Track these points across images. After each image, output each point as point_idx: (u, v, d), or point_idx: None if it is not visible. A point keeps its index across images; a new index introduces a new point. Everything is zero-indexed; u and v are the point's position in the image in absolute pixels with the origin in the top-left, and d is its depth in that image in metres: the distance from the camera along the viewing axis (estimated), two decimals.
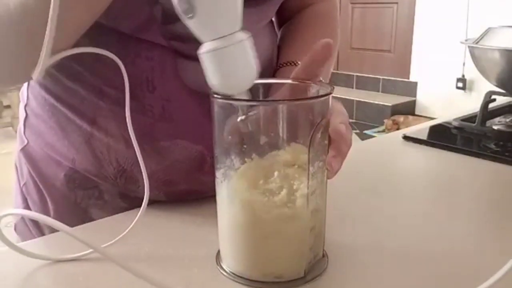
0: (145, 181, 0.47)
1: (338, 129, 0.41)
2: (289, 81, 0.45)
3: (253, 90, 0.42)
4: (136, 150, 0.46)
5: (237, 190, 0.41)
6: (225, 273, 0.43)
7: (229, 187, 0.41)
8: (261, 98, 0.44)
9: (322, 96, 0.40)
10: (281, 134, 0.39)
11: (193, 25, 0.35)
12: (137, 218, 0.48)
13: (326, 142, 0.42)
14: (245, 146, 0.41)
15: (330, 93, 0.40)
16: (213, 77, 0.37)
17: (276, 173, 0.40)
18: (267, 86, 0.46)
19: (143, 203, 0.48)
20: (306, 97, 0.42)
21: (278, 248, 0.41)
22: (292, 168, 0.40)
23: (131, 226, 0.48)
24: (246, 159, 0.41)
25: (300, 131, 0.40)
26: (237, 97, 0.38)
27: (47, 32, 0.35)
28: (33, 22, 0.40)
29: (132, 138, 0.46)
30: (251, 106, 0.39)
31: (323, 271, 0.43)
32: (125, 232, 0.48)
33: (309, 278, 0.42)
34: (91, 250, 0.44)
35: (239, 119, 0.38)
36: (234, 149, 0.41)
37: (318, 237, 0.43)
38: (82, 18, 0.42)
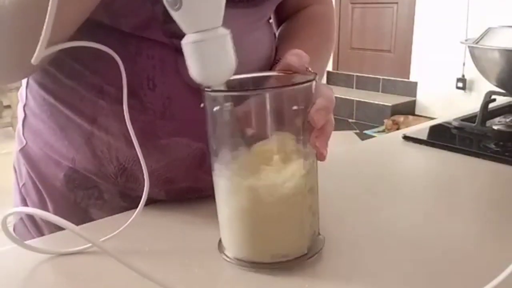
0: (145, 176, 0.47)
1: (313, 118, 0.41)
2: (275, 73, 0.47)
3: (244, 85, 0.45)
4: (136, 147, 0.47)
5: (237, 178, 0.42)
6: (229, 259, 0.45)
7: (229, 176, 0.42)
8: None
9: (303, 82, 0.42)
10: (269, 122, 0.41)
11: (178, 16, 0.37)
12: (137, 211, 0.48)
13: None
14: (237, 136, 0.42)
15: (313, 80, 0.42)
16: (193, 68, 0.39)
17: (275, 157, 0.41)
18: (257, 81, 0.47)
19: (142, 197, 0.48)
20: (288, 84, 0.44)
21: (283, 229, 0.43)
22: (286, 153, 0.42)
23: (132, 218, 0.48)
24: (240, 148, 0.42)
25: (287, 117, 0.42)
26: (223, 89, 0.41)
27: (46, 20, 0.34)
28: (30, 17, 0.40)
29: (132, 136, 0.46)
30: (227, 97, 0.42)
31: (321, 248, 0.46)
32: (124, 226, 0.48)
33: (310, 255, 0.44)
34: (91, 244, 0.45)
35: (215, 109, 0.40)
36: (228, 139, 0.42)
37: (314, 215, 0.45)
38: (77, 9, 0.42)
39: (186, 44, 0.38)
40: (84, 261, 0.45)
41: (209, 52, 0.38)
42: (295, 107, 0.42)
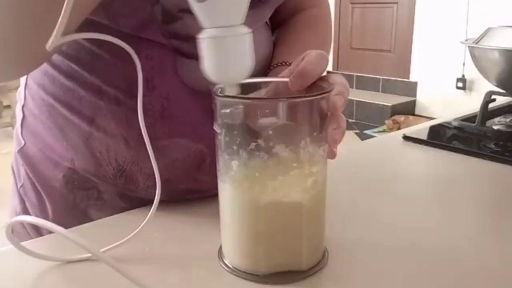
0: (157, 180, 0.46)
1: (333, 102, 0.41)
2: (286, 79, 0.45)
3: (249, 88, 0.43)
4: (148, 148, 0.45)
5: (240, 188, 0.40)
6: (227, 268, 0.43)
7: (232, 185, 0.41)
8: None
9: (324, 93, 0.40)
10: (279, 133, 0.39)
11: (201, 8, 0.35)
12: (146, 220, 0.47)
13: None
14: (245, 146, 0.40)
15: (331, 90, 0.41)
16: (209, 65, 0.37)
17: (281, 170, 0.40)
18: (259, 85, 0.46)
19: (153, 204, 0.47)
20: (308, 95, 0.42)
21: (284, 242, 0.42)
22: (292, 166, 0.40)
23: (138, 229, 0.47)
24: (246, 158, 0.40)
25: (299, 128, 0.40)
26: (228, 91, 0.39)
27: (64, 6, 0.33)
28: (28, 6, 0.39)
29: (144, 136, 0.45)
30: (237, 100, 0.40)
31: (324, 265, 0.44)
32: (130, 236, 0.47)
33: (311, 272, 0.43)
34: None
35: (222, 111, 0.38)
36: (235, 148, 0.40)
37: (319, 229, 0.44)
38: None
39: (204, 39, 0.36)
40: (88, 267, 0.44)
41: (228, 50, 0.36)
42: (308, 118, 0.40)
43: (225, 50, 0.36)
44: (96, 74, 0.51)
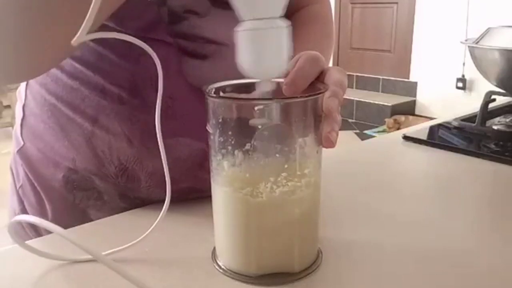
0: (167, 182, 0.46)
1: (327, 105, 0.41)
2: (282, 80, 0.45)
3: (250, 90, 0.42)
4: (160, 147, 0.45)
5: (232, 189, 0.40)
6: (221, 270, 0.43)
7: (224, 186, 0.41)
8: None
9: (317, 94, 0.40)
10: (273, 133, 0.39)
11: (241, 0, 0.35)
12: (155, 224, 0.47)
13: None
14: (239, 146, 0.40)
15: (325, 91, 0.40)
16: (246, 58, 0.37)
17: (274, 171, 0.40)
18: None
19: (164, 207, 0.46)
20: (301, 96, 0.41)
21: (276, 244, 0.41)
22: (285, 167, 0.40)
23: (146, 233, 0.47)
24: (239, 159, 0.40)
25: (294, 129, 0.40)
26: (264, 86, 0.38)
27: (92, 5, 0.33)
28: (35, 12, 0.39)
29: (158, 136, 0.44)
30: (265, 105, 0.39)
31: (318, 266, 0.44)
32: (136, 241, 0.47)
33: (304, 274, 0.43)
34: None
35: (221, 116, 0.38)
36: (229, 148, 0.40)
37: (312, 231, 0.44)
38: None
39: (243, 31, 0.36)
40: (89, 267, 0.44)
41: (267, 42, 0.36)
42: (302, 119, 0.40)
43: (264, 42, 0.36)
44: (100, 74, 0.51)
